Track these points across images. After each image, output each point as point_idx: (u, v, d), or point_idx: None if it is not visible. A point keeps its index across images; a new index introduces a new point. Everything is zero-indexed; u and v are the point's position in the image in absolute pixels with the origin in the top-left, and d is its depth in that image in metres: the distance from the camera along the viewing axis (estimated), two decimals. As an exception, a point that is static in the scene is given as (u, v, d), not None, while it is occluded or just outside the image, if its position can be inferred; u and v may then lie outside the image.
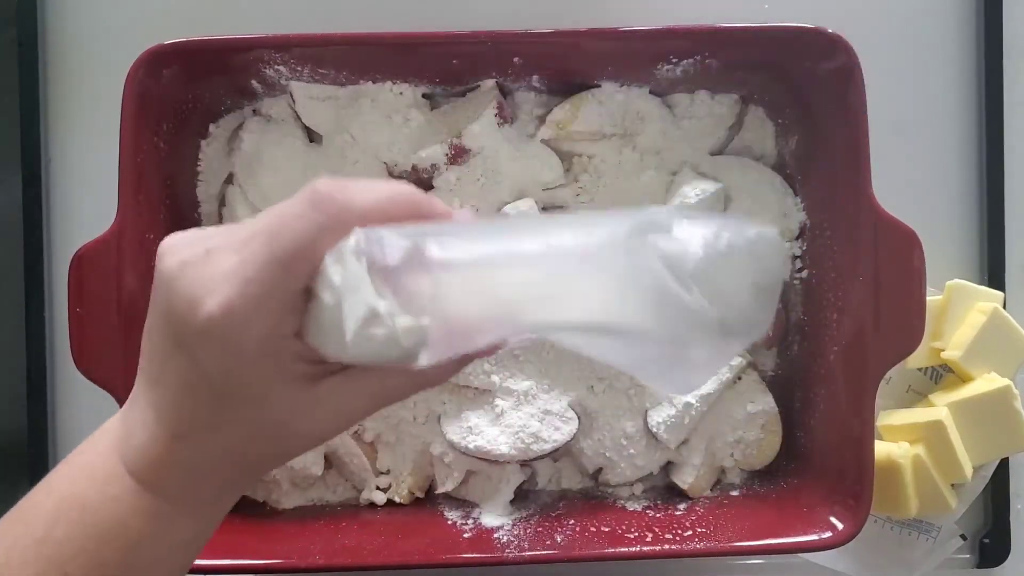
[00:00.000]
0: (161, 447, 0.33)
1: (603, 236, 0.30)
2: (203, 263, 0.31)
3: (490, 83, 0.56)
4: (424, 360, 0.30)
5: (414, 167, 0.55)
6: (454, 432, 0.55)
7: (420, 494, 0.58)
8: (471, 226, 0.33)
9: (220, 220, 0.57)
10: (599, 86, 0.56)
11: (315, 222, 0.31)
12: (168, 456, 0.33)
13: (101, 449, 0.34)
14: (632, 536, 0.53)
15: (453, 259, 0.30)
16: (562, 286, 0.31)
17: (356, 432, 0.57)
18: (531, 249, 0.31)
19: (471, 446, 0.54)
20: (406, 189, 0.32)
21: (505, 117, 0.55)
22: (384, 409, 0.57)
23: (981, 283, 0.61)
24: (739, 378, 0.57)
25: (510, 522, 0.55)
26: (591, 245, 0.30)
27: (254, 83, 0.55)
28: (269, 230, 0.31)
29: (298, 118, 0.56)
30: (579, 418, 0.56)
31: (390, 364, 0.30)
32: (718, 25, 0.52)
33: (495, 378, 0.56)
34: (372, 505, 0.57)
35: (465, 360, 0.34)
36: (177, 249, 0.32)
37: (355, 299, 0.29)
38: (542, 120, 0.57)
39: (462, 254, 0.30)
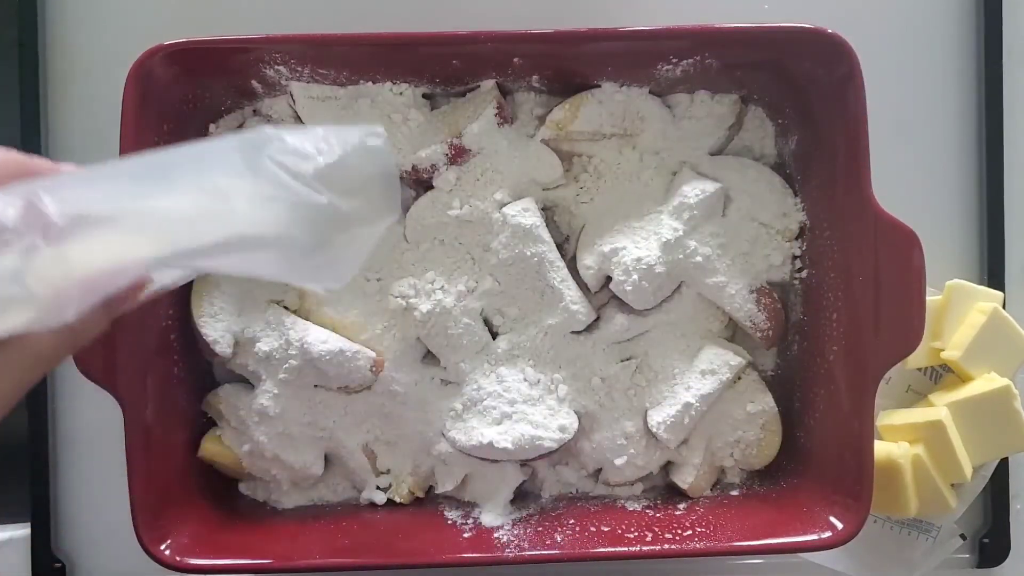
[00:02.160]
0: None
1: (216, 155, 0.31)
2: None
3: (490, 83, 0.56)
4: (68, 314, 0.30)
5: (414, 167, 0.55)
6: (454, 432, 0.55)
7: (420, 494, 0.58)
8: (83, 174, 0.32)
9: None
10: (599, 86, 0.56)
11: None
12: None
13: None
14: (632, 536, 0.53)
15: (73, 209, 0.30)
16: (191, 211, 0.31)
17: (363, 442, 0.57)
18: (151, 183, 0.31)
19: (471, 445, 0.54)
20: (3, 150, 0.32)
21: (505, 117, 0.55)
22: (384, 409, 0.57)
23: (981, 283, 0.61)
24: (739, 378, 0.57)
25: (510, 522, 0.55)
26: (206, 165, 0.31)
27: (254, 83, 0.55)
28: None
29: (298, 118, 0.57)
30: (579, 418, 0.56)
31: (30, 329, 0.30)
32: (718, 25, 0.52)
33: (495, 377, 0.56)
34: (372, 505, 0.57)
35: (114, 305, 0.33)
36: None
37: None
38: (542, 120, 0.57)
39: (80, 202, 0.30)
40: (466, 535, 0.54)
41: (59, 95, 0.61)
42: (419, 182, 0.57)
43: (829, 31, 0.51)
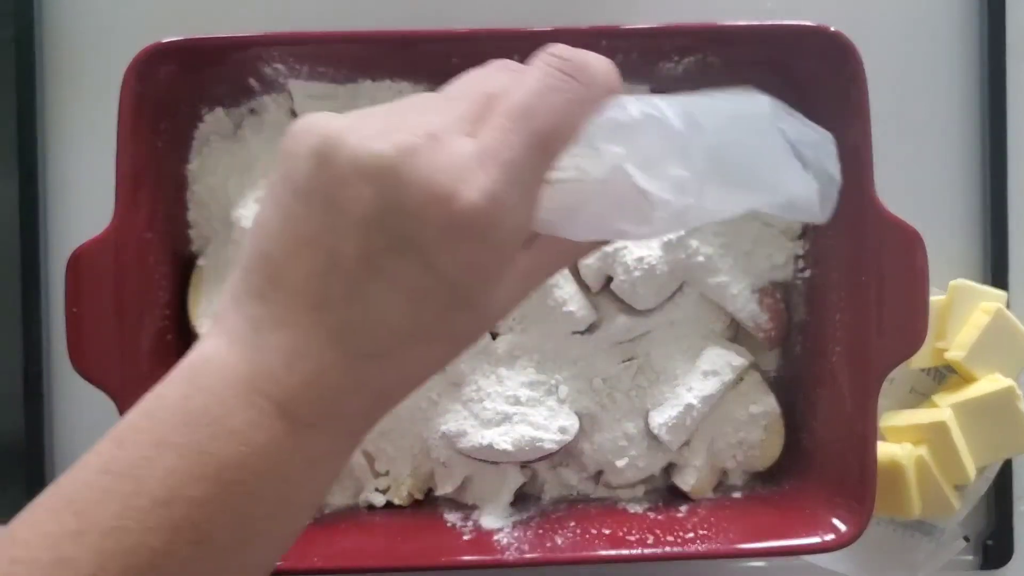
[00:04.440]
0: (339, 374, 0.28)
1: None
2: (433, 149, 0.27)
3: (490, 82, 0.55)
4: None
5: (414, 166, 0.55)
6: (454, 433, 0.55)
7: (419, 496, 0.58)
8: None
9: (219, 219, 0.57)
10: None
11: (576, 95, 0.28)
12: (350, 382, 0.28)
13: (223, 397, 0.28)
14: (633, 538, 0.52)
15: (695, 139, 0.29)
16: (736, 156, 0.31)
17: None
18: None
19: (471, 447, 0.54)
20: (613, 68, 0.30)
21: (505, 116, 0.55)
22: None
23: (985, 283, 0.61)
24: (741, 379, 0.57)
25: (510, 524, 0.55)
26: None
27: (252, 81, 0.55)
28: (516, 107, 0.27)
29: (296, 117, 0.56)
30: (579, 419, 0.56)
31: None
32: (720, 23, 0.52)
33: (495, 378, 0.56)
34: (371, 507, 0.57)
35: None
36: (370, 133, 0.27)
37: (624, 182, 0.28)
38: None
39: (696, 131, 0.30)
40: (466, 537, 0.54)
41: (56, 92, 0.61)
42: (419, 181, 0.57)
43: (832, 29, 0.51)
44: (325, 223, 0.27)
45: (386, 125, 0.28)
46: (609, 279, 0.56)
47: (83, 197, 0.61)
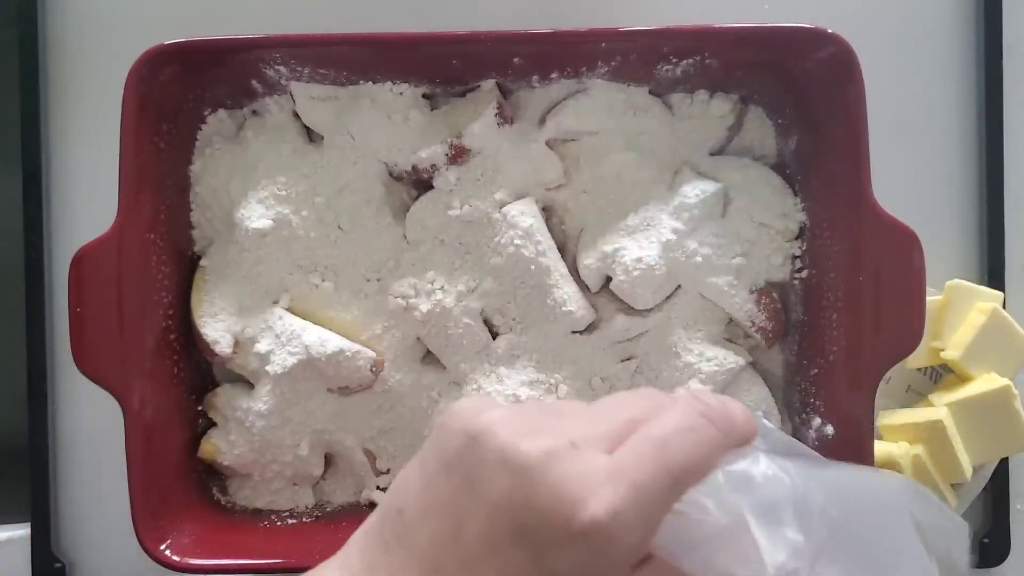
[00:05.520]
0: None
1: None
2: (572, 458, 0.29)
3: (490, 83, 0.56)
4: None
5: (414, 167, 0.55)
6: (454, 432, 0.55)
7: (420, 494, 0.58)
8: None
9: (221, 220, 0.57)
10: (599, 86, 0.56)
11: (712, 439, 0.30)
12: None
13: None
14: (632, 536, 0.53)
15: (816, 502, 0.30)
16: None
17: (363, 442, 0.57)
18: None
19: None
20: (753, 417, 0.32)
21: (505, 117, 0.55)
22: (384, 409, 0.57)
23: (981, 283, 0.61)
24: (739, 379, 0.57)
25: (510, 522, 0.55)
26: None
27: (254, 83, 0.55)
28: (655, 438, 0.29)
29: (298, 118, 0.57)
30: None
31: None
32: (718, 25, 0.52)
33: (495, 378, 0.56)
34: (373, 505, 0.57)
35: None
36: (520, 429, 0.30)
37: (756, 532, 0.29)
38: (542, 120, 0.57)
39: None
40: (466, 535, 0.54)
41: (59, 94, 0.61)
42: (419, 182, 0.57)
43: (830, 31, 0.51)
44: (460, 497, 0.30)
45: (537, 426, 0.30)
46: (608, 279, 0.56)
47: (86, 198, 0.61)
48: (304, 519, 0.57)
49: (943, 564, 0.31)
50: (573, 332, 0.57)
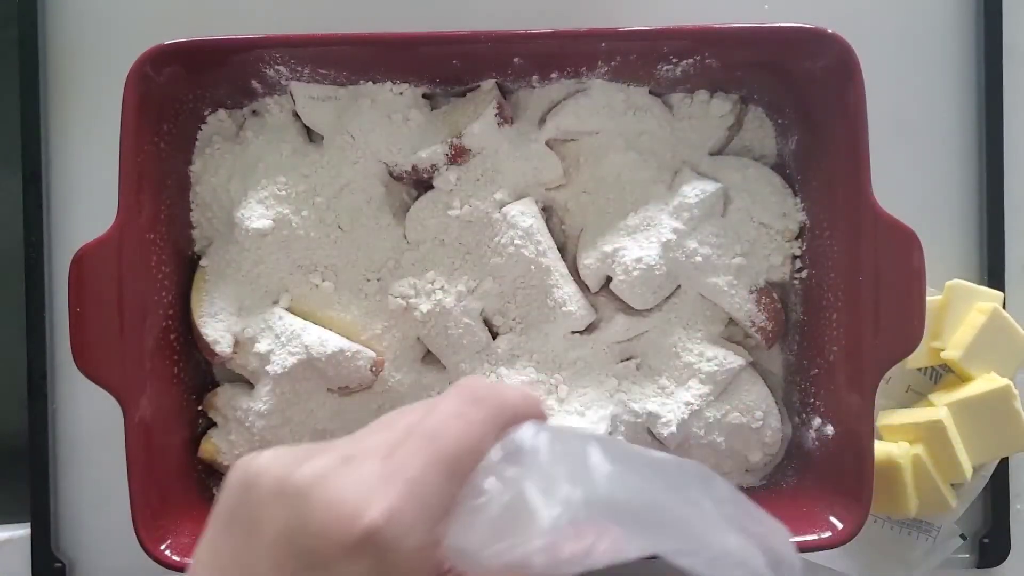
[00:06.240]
0: None
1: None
2: (346, 472, 0.29)
3: (490, 83, 0.56)
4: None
5: (414, 167, 0.55)
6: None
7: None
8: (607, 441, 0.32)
9: (221, 220, 0.57)
10: (599, 86, 0.56)
11: (482, 419, 0.30)
12: None
13: None
14: (632, 536, 0.53)
15: (613, 469, 0.30)
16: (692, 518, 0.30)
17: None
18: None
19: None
20: (531, 392, 0.32)
21: (505, 117, 0.55)
22: (384, 409, 0.57)
23: (981, 283, 0.61)
24: (739, 378, 0.57)
25: (510, 522, 0.55)
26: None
27: (254, 83, 0.55)
28: (425, 431, 0.29)
29: (298, 118, 0.57)
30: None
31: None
32: (718, 25, 0.52)
33: (495, 378, 0.56)
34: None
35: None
36: (291, 462, 0.29)
37: (535, 502, 0.28)
38: (542, 120, 0.57)
39: (618, 463, 0.30)
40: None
41: (59, 94, 0.61)
42: (419, 182, 0.57)
43: (829, 31, 0.51)
44: (243, 548, 0.29)
45: (308, 454, 0.30)
46: (608, 279, 0.56)
47: (86, 197, 0.61)
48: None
49: (767, 555, 0.31)
50: (573, 332, 0.57)
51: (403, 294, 0.55)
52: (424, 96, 0.57)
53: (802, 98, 0.55)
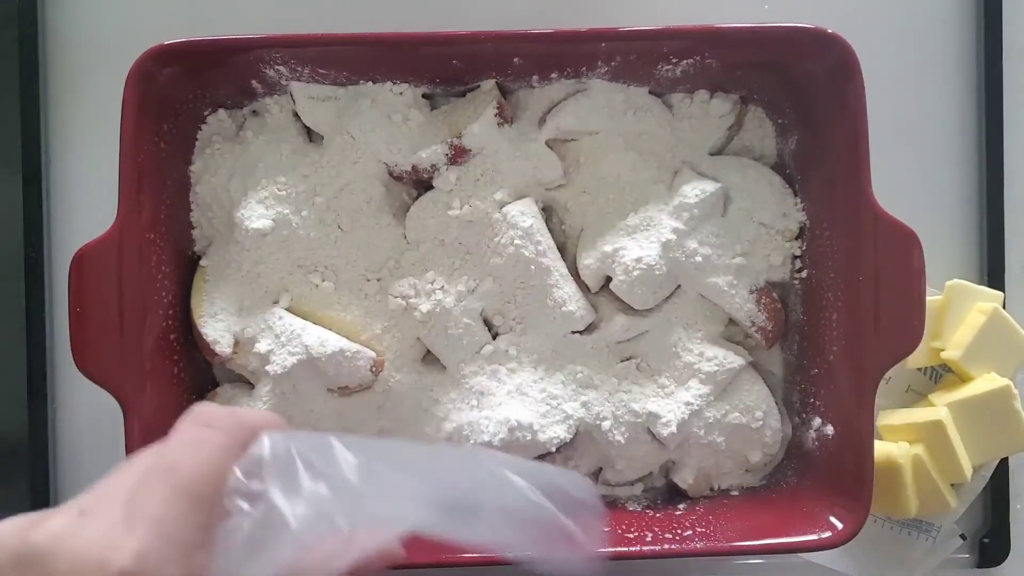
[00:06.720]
0: None
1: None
2: (84, 525, 0.28)
3: (490, 83, 0.56)
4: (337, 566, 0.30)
5: (414, 167, 0.55)
6: (454, 430, 0.55)
7: (420, 494, 0.58)
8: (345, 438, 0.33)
9: (221, 220, 0.57)
10: (599, 86, 0.56)
11: (218, 443, 0.29)
12: None
13: None
14: (632, 536, 0.53)
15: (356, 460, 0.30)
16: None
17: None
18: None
19: (471, 446, 0.54)
20: (269, 413, 0.32)
21: (505, 117, 0.55)
22: (384, 409, 0.57)
23: (981, 283, 0.61)
24: (739, 378, 0.57)
25: (510, 522, 0.55)
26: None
27: (254, 83, 0.55)
28: (161, 466, 0.29)
29: (298, 118, 0.57)
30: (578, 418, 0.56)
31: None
32: (718, 25, 0.52)
33: (495, 378, 0.56)
34: (372, 505, 0.57)
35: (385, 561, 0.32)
36: (27, 526, 0.28)
37: (288, 512, 0.29)
38: (542, 120, 0.57)
39: (362, 456, 0.31)
40: (466, 535, 0.54)
41: (59, 94, 0.61)
42: (419, 182, 0.57)
43: (829, 31, 0.51)
44: None
45: (43, 516, 0.29)
46: (608, 279, 0.56)
47: (86, 197, 0.61)
48: (304, 519, 0.57)
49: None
50: (573, 332, 0.57)
51: (403, 294, 0.55)
52: (424, 96, 0.57)
53: (802, 98, 0.55)
